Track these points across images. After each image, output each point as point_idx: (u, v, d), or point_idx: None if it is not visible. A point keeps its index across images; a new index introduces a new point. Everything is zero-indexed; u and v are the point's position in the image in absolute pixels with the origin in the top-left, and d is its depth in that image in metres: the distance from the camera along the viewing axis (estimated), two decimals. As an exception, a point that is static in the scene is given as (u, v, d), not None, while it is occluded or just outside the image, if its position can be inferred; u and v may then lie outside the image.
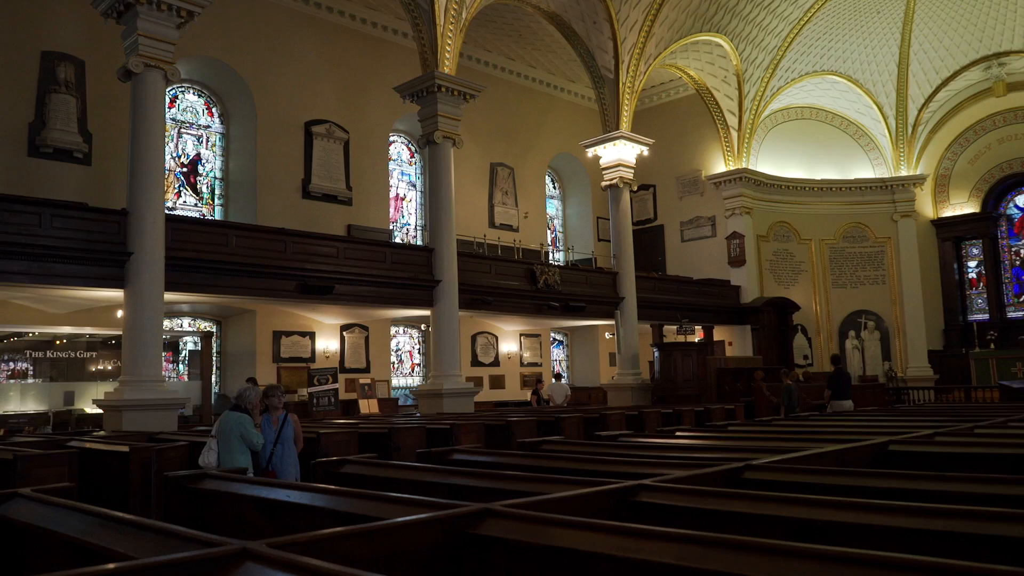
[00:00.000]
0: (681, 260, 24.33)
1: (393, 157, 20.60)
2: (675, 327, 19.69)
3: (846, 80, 23.80)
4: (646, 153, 20.23)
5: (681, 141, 24.34)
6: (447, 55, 15.48)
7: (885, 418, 8.85)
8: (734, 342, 23.10)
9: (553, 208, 25.07)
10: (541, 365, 22.33)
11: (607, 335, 22.23)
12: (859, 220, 24.55)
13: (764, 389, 15.40)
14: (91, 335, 13.87)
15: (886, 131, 24.23)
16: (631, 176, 19.96)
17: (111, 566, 2.09)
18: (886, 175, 24.47)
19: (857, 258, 24.54)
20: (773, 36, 22.41)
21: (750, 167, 23.42)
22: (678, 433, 7.65)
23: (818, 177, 24.47)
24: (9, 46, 13.90)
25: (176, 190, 16.66)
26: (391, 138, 20.39)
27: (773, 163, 24.22)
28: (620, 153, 19.63)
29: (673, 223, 24.86)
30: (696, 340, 20.16)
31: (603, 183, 20.15)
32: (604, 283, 19.68)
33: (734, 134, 23.22)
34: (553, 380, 18.93)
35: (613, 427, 10.48)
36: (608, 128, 19.62)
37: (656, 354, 19.30)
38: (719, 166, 23.68)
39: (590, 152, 20.18)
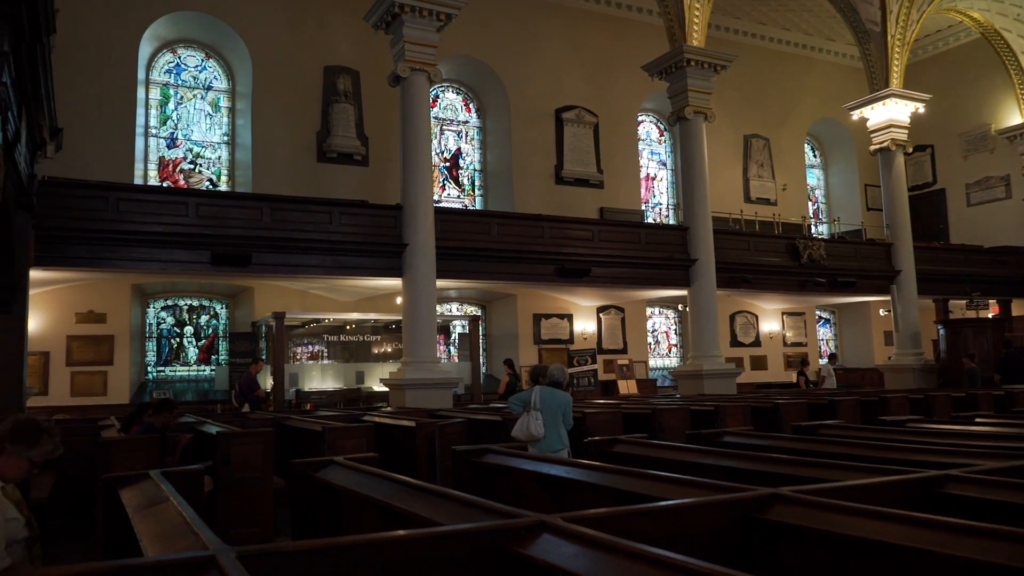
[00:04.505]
0: (967, 226, 21.76)
1: (642, 137, 20.47)
2: (964, 302, 17.70)
3: None
4: (921, 110, 18.29)
5: (963, 93, 21.72)
6: (695, 27, 15.06)
7: None
8: (1038, 317, 20.27)
9: (814, 178, 23.52)
10: (806, 345, 21.11)
11: (881, 312, 20.49)
12: None
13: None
14: (375, 320, 15.31)
15: None
16: (904, 137, 18.16)
17: (429, 530, 2.28)
18: None
19: None
20: (1081, -40, 19.20)
21: (1054, 115, 20.33)
22: (978, 419, 6.88)
23: None
24: (299, 65, 15.67)
25: (440, 183, 17.83)
26: (639, 118, 20.27)
27: (1084, 109, 20.80)
28: (891, 113, 17.93)
29: (956, 186, 22.29)
30: (990, 316, 17.95)
31: (871, 147, 18.54)
32: (876, 256, 18.14)
33: (1032, 79, 20.26)
34: (825, 361, 17.87)
35: (895, 412, 9.64)
36: (876, 87, 17.97)
37: (941, 332, 17.49)
38: (1014, 117, 20.78)
39: (855, 115, 18.63)
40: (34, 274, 10.04)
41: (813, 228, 21.86)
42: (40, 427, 3.26)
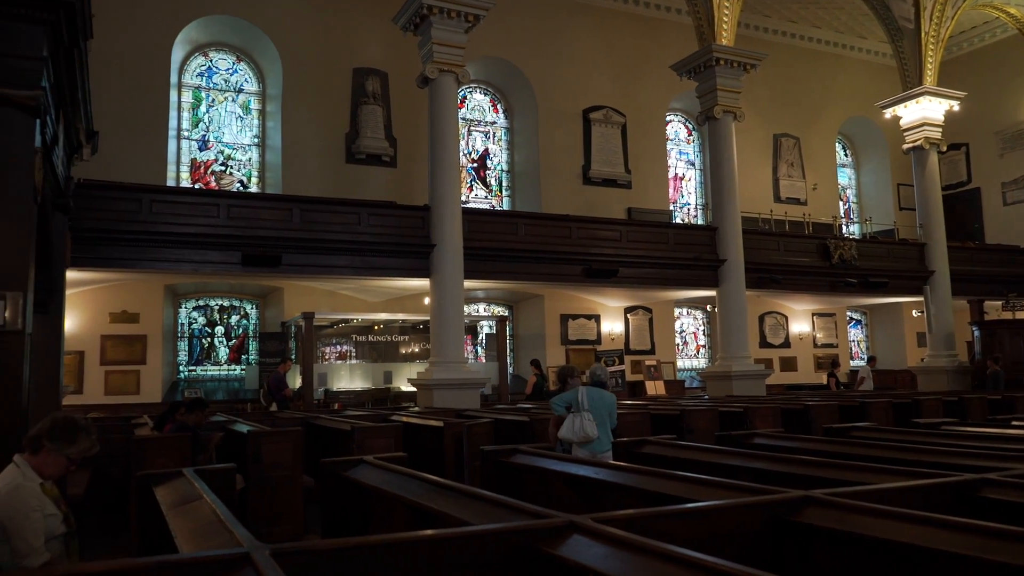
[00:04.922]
0: (1003, 226, 21.35)
1: (670, 137, 20.35)
2: (999, 303, 17.38)
3: None
4: (956, 108, 17.99)
5: (999, 91, 21.32)
6: (724, 26, 14.95)
7: None
8: (1076, 319, 19.84)
9: (845, 177, 23.23)
10: (837, 346, 20.86)
11: (914, 313, 20.17)
12: None
13: None
14: (403, 321, 15.39)
15: None
16: (938, 135, 17.88)
17: (459, 529, 2.29)
18: None
19: None
20: (1122, -47, 18.78)
21: (1093, 113, 19.90)
22: (1014, 423, 6.75)
23: None
24: (328, 67, 15.79)
25: (468, 184, 17.87)
26: (667, 118, 20.16)
27: (1125, 105, 20.35)
28: (924, 111, 17.66)
29: (992, 185, 21.89)
30: (1027, 317, 17.61)
31: (904, 146, 18.28)
32: (909, 256, 17.89)
33: (1070, 76, 19.83)
34: (863, 362, 17.65)
35: (928, 414, 9.50)
36: (909, 84, 17.72)
37: (976, 333, 17.20)
38: (1051, 115, 20.40)
39: (888, 113, 18.38)
40: (70, 275, 10.22)
41: (844, 228, 21.60)
42: (78, 425, 3.32)
